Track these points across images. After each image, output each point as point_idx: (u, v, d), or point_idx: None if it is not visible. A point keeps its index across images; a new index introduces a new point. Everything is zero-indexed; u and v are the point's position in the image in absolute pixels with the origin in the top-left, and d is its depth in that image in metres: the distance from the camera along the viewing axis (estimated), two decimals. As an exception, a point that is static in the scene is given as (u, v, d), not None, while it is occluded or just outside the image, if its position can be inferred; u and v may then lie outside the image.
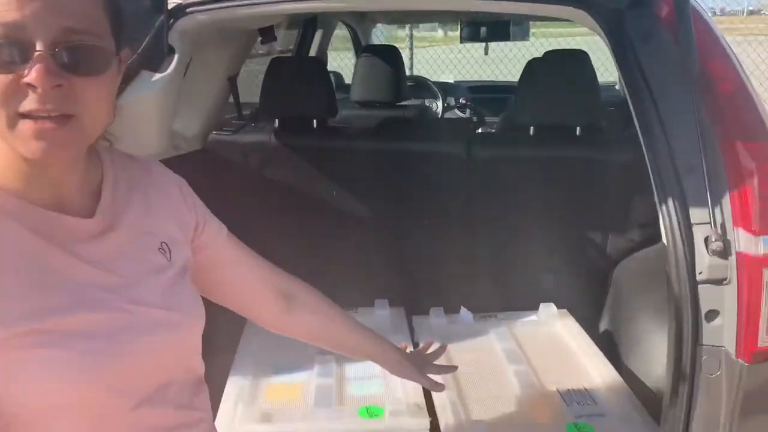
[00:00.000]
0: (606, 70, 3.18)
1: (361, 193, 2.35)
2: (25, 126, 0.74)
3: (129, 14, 1.68)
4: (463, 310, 2.09)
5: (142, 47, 1.70)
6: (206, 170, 2.33)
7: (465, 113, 3.70)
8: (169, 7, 1.72)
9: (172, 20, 1.73)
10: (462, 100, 3.78)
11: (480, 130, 3.24)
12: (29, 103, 0.73)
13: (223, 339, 1.99)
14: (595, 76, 2.15)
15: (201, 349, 0.98)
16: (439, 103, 3.75)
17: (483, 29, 3.75)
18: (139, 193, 0.93)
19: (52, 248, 0.81)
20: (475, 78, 6.63)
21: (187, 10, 1.73)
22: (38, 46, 0.72)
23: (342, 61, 5.46)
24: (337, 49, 5.17)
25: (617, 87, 3.84)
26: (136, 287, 0.87)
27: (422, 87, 3.87)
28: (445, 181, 2.25)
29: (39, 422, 0.79)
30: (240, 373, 1.74)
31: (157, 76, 1.72)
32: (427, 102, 3.78)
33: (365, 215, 2.36)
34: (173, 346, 0.90)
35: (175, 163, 2.11)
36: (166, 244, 0.94)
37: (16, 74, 0.72)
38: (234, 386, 1.67)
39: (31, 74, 0.71)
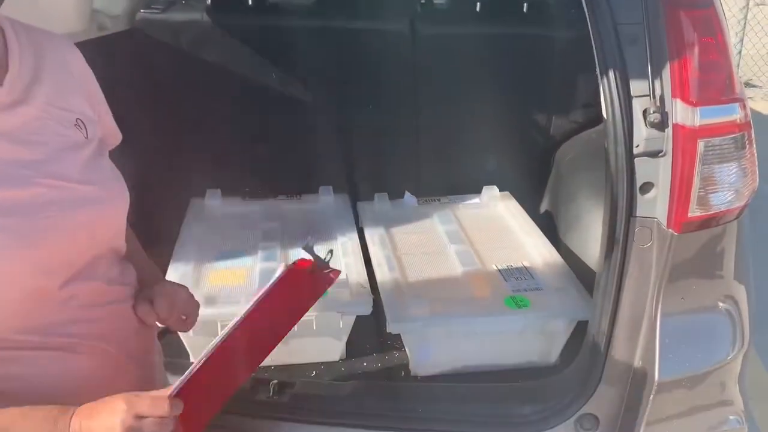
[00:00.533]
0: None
1: (302, 75, 2.26)
2: None
3: None
4: (407, 194, 2.09)
5: None
6: (135, 52, 2.19)
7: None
8: None
9: None
10: None
11: (423, 8, 3.11)
12: None
13: (166, 230, 1.96)
14: None
15: (125, 228, 0.96)
16: None
17: None
18: (47, 67, 0.88)
19: None
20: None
21: None
22: None
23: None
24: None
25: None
26: (54, 163, 0.83)
27: None
28: (389, 60, 2.17)
29: None
30: (182, 260, 1.72)
31: (69, -58, 1.57)
32: None
33: (306, 98, 2.28)
34: (98, 221, 0.88)
35: (101, 44, 2.00)
36: (82, 121, 0.90)
37: None
38: (176, 273, 1.65)
39: None
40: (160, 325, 1.03)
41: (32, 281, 0.80)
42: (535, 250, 1.81)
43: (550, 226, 1.98)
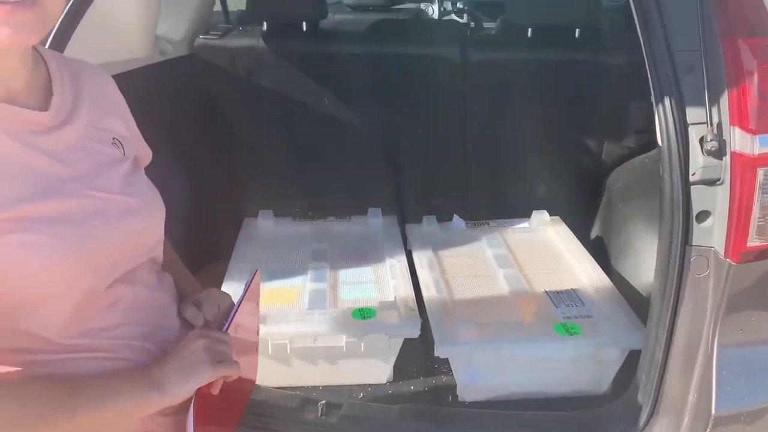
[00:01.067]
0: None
1: (354, 99, 2.30)
2: None
3: None
4: (456, 217, 2.10)
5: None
6: (194, 76, 2.27)
7: (462, 18, 3.58)
8: None
9: None
10: (459, 5, 3.65)
11: (474, 34, 3.14)
12: None
13: (220, 248, 2.02)
14: None
15: (163, 238, 1.03)
16: (435, 7, 3.63)
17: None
18: (85, 92, 0.96)
19: (8, 140, 0.82)
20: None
21: None
22: None
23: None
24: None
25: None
26: (96, 177, 0.90)
27: None
28: (439, 86, 2.20)
29: (30, 301, 0.82)
30: (235, 278, 1.76)
31: (138, -26, 1.65)
32: (423, 6, 3.65)
33: (358, 122, 2.32)
34: (139, 231, 0.95)
35: (162, 68, 2.07)
36: (118, 140, 0.98)
37: None
38: (229, 290, 1.66)
39: None
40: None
41: (83, 284, 0.86)
42: (585, 276, 1.79)
43: (601, 253, 1.96)
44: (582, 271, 1.80)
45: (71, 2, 1.53)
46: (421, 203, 2.25)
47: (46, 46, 1.46)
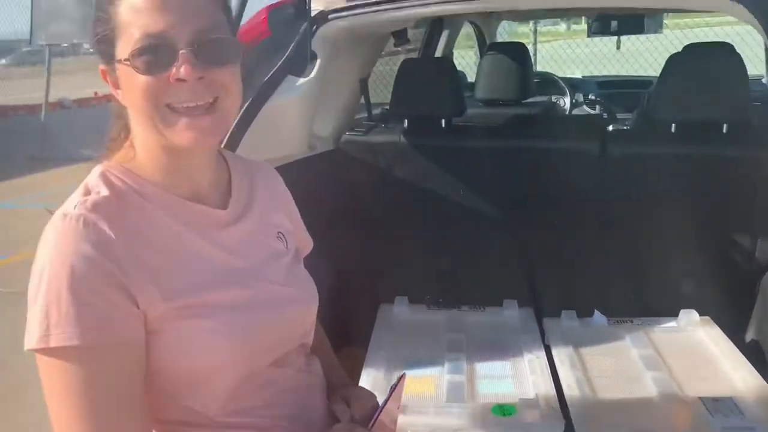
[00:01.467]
0: (749, 62, 2.98)
1: (490, 192, 2.35)
2: (178, 119, 0.87)
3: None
4: (597, 313, 2.04)
5: (287, 54, 1.81)
6: (339, 169, 2.43)
7: (595, 110, 3.59)
8: (312, 14, 1.81)
9: (314, 27, 1.82)
10: (591, 96, 3.67)
11: (612, 127, 3.13)
12: (179, 95, 0.86)
13: (356, 332, 2.08)
14: (745, 70, 2.03)
15: (315, 324, 1.11)
16: (567, 100, 3.66)
17: (614, 23, 3.62)
18: (258, 191, 1.08)
19: (191, 233, 0.94)
20: (604, 73, 6.38)
21: (329, 17, 1.81)
22: (181, 47, 0.84)
23: (462, 60, 5.45)
24: (456, 47, 5.17)
25: (765, 81, 3.57)
26: (262, 268, 1.00)
27: (549, 83, 3.79)
28: (576, 179, 2.20)
29: (199, 380, 0.92)
30: (373, 365, 1.80)
31: (301, 80, 1.82)
32: (554, 98, 3.70)
33: (493, 214, 2.35)
34: (296, 319, 1.04)
35: (310, 162, 2.24)
36: (282, 234, 1.08)
37: (165, 74, 0.85)
38: (368, 377, 1.73)
39: (180, 71, 0.84)
40: None
41: (244, 367, 0.94)
42: (743, 383, 1.66)
43: (757, 357, 1.82)
44: (739, 379, 1.68)
45: (244, 108, 1.73)
46: (559, 296, 2.21)
47: (222, 145, 1.65)
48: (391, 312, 2.14)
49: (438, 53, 3.78)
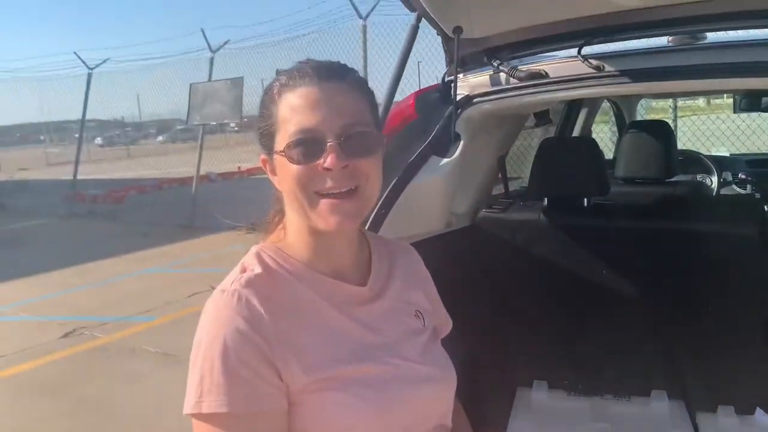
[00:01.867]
0: None
1: (633, 275, 2.25)
2: (323, 204, 0.95)
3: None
4: (759, 411, 1.87)
5: (432, 135, 1.88)
6: (474, 246, 2.43)
7: (746, 189, 3.37)
8: (457, 98, 1.88)
9: (459, 110, 1.88)
10: (741, 175, 3.46)
11: (768, 208, 2.92)
12: (326, 183, 0.94)
13: (491, 416, 2.03)
14: None
15: (453, 406, 1.09)
16: (714, 179, 3.48)
17: (766, 99, 3.43)
18: (397, 269, 1.12)
19: (332, 309, 0.99)
20: (751, 150, 6.01)
21: (474, 100, 1.87)
22: (329, 140, 0.94)
23: (595, 135, 5.36)
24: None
25: None
26: (399, 345, 1.03)
27: (693, 161, 3.63)
28: (732, 265, 2.06)
29: None
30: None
31: (444, 160, 1.88)
32: (699, 177, 3.53)
33: (637, 298, 2.25)
34: (432, 398, 1.04)
35: (446, 238, 2.27)
36: (420, 312, 1.10)
37: (315, 164, 0.94)
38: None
39: (327, 161, 0.93)
40: None
41: None
42: None
43: None
44: None
45: (390, 187, 1.80)
46: (712, 390, 2.04)
47: (368, 224, 1.72)
48: (530, 397, 2.07)
49: (576, 131, 3.75)
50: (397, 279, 1.11)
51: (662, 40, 1.84)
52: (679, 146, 5.16)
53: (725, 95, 5.81)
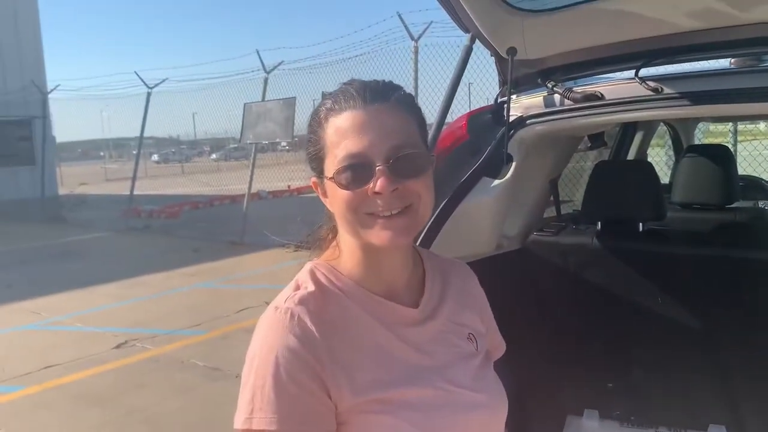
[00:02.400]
0: None
1: (689, 303, 2.17)
2: (375, 222, 0.94)
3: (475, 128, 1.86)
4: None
5: (484, 156, 1.87)
6: (524, 269, 2.39)
7: (811, 217, 3.23)
8: (510, 119, 1.87)
9: (512, 131, 1.86)
10: None
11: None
12: (376, 207, 0.94)
13: None
14: None
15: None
16: None
17: (832, 123, 3.29)
18: (451, 290, 1.10)
19: (383, 330, 0.98)
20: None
21: (527, 121, 1.85)
22: (377, 164, 0.93)
23: (650, 159, 5.23)
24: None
25: None
26: (449, 369, 1.00)
27: (755, 187, 3.50)
28: None
29: None
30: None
31: (496, 181, 1.86)
32: (761, 204, 3.40)
33: (694, 326, 2.17)
34: (482, 425, 1.01)
35: (497, 261, 2.24)
36: (473, 335, 1.08)
37: (364, 188, 0.94)
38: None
39: (377, 185, 0.92)
40: None
41: None
42: None
43: None
44: None
45: (440, 207, 1.79)
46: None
47: (417, 243, 1.71)
48: (580, 426, 2.02)
49: (631, 154, 3.67)
50: (450, 299, 1.09)
51: (724, 63, 1.80)
52: (739, 171, 5.00)
53: (788, 119, 5.61)
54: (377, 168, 0.93)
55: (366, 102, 0.96)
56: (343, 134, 0.95)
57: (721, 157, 2.89)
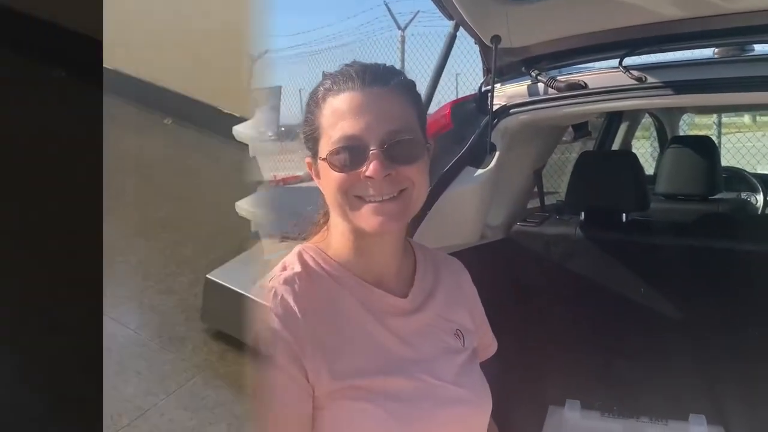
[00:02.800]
0: None
1: (672, 294, 2.18)
2: (365, 207, 0.93)
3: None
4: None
5: (467, 146, 1.86)
6: (508, 259, 2.39)
7: (792, 208, 3.26)
8: (494, 108, 1.85)
9: (495, 120, 1.85)
10: None
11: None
12: (368, 191, 0.92)
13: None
14: None
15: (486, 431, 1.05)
16: (760, 197, 3.37)
17: (817, 115, 3.32)
18: (442, 285, 1.08)
19: (369, 317, 0.97)
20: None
21: (511, 110, 1.84)
22: (372, 148, 0.91)
23: (635, 150, 5.25)
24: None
25: None
26: (432, 363, 0.99)
27: (738, 179, 3.53)
28: None
29: None
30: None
31: (479, 171, 1.85)
32: (744, 195, 3.42)
33: (676, 317, 2.17)
34: (462, 421, 0.99)
35: (480, 251, 2.23)
36: (461, 331, 1.06)
37: (357, 171, 0.92)
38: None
39: (369, 169, 0.91)
40: None
41: None
42: None
43: None
44: None
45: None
46: (754, 417, 1.96)
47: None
48: (561, 416, 2.02)
49: (615, 145, 3.68)
50: (440, 294, 1.07)
51: (708, 52, 1.79)
52: (723, 163, 5.04)
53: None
54: (371, 151, 0.91)
55: (365, 84, 0.94)
56: (340, 115, 0.93)
57: (705, 148, 2.91)
